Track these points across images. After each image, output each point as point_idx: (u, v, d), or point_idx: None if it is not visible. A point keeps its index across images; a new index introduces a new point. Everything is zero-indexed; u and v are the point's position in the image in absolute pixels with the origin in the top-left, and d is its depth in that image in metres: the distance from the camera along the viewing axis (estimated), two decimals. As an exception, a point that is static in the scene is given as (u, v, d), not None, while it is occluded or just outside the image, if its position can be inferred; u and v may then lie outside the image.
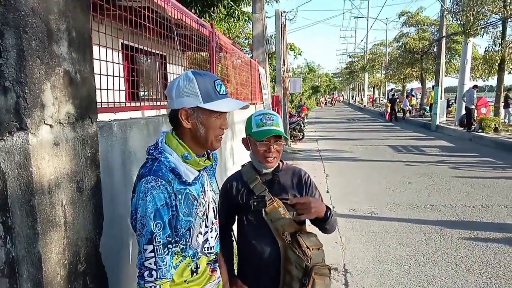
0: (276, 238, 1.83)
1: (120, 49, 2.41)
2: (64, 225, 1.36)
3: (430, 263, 4.15)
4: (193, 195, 1.41)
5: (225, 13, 12.60)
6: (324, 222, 1.83)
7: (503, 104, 15.76)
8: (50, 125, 1.28)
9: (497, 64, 15.24)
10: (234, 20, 13.98)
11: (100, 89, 1.95)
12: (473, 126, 14.67)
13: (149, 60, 3.64)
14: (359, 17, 55.95)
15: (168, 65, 3.46)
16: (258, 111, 1.92)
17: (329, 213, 1.81)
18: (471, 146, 12.80)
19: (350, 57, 60.60)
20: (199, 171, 1.45)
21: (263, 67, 9.22)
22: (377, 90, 50.36)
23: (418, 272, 3.96)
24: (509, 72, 15.74)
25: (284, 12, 14.77)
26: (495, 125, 14.22)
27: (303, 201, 1.75)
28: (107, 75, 2.05)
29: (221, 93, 1.39)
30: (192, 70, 1.44)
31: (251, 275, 1.90)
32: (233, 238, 2.03)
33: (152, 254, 1.28)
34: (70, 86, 1.37)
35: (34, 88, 1.20)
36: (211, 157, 1.54)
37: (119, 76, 2.18)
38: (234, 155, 4.47)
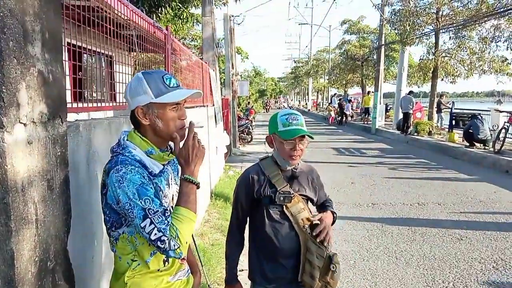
0: (297, 231, 1.95)
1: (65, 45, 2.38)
2: (35, 222, 1.37)
3: (373, 258, 4.45)
4: (159, 186, 1.48)
5: (173, 14, 12.49)
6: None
7: (436, 109, 16.97)
8: (25, 124, 1.29)
9: (430, 72, 16.39)
10: (181, 22, 13.88)
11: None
12: (409, 130, 15.67)
13: (98, 60, 3.60)
14: (304, 24, 57.50)
15: (114, 64, 3.42)
16: (283, 111, 2.01)
17: (335, 216, 2.09)
18: (407, 148, 13.68)
19: (295, 62, 62.15)
20: (163, 165, 1.53)
21: (213, 70, 9.27)
22: (321, 94, 52.01)
23: (362, 266, 4.24)
24: (442, 79, 16.96)
25: (233, 16, 14.91)
26: (429, 128, 15.30)
27: (322, 228, 1.91)
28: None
29: (171, 86, 1.47)
30: (142, 71, 1.53)
31: (270, 267, 1.99)
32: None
33: (152, 226, 1.31)
34: (44, 86, 1.39)
35: (10, 88, 1.22)
36: (175, 151, 1.62)
37: (65, 75, 2.17)
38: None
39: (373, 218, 5.85)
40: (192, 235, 2.70)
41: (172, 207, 1.55)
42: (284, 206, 1.95)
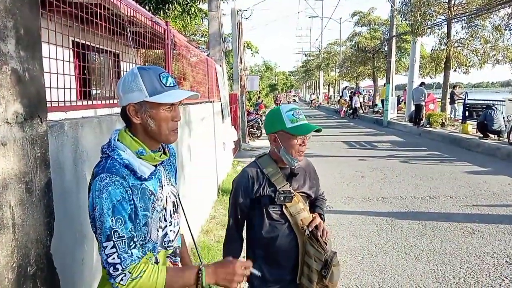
0: (295, 232, 1.88)
1: (71, 46, 2.35)
2: (12, 227, 1.32)
3: (381, 253, 4.35)
4: (149, 190, 1.41)
5: (181, 10, 12.43)
6: None
7: (449, 100, 16.65)
8: (-3, 125, 1.24)
9: (443, 63, 16.08)
10: (190, 18, 13.82)
11: (50, 88, 1.90)
12: (421, 122, 15.41)
13: (101, 58, 3.56)
14: (314, 17, 56.95)
15: (121, 63, 3.40)
16: (285, 107, 1.92)
17: (322, 218, 2.01)
18: (420, 140, 13.45)
19: (306, 55, 61.71)
20: (155, 166, 1.46)
21: (220, 65, 9.20)
22: (332, 88, 51.58)
23: (370, 262, 4.14)
24: (454, 70, 16.62)
25: (240, 10, 14.80)
26: (442, 120, 15.01)
27: (317, 222, 1.87)
28: (57, 73, 2.00)
29: (167, 85, 1.39)
30: (138, 66, 1.45)
31: (269, 269, 1.93)
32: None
33: (114, 250, 1.27)
34: (18, 85, 1.34)
35: (-21, 87, 1.16)
36: (167, 151, 1.55)
37: (69, 75, 2.13)
38: (191, 153, 4.46)
39: (383, 212, 5.74)
40: (192, 236, 2.64)
41: (165, 209, 1.49)
42: (283, 206, 1.88)
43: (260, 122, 15.83)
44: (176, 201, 1.58)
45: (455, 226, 5.09)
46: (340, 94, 30.85)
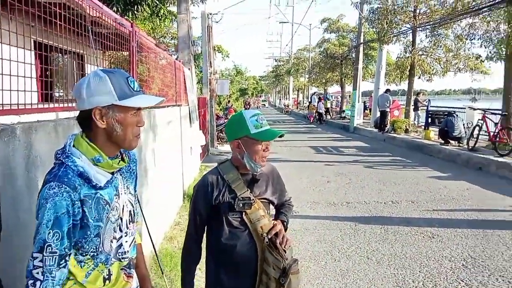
0: (255, 239, 1.86)
1: (33, 48, 2.27)
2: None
3: (344, 258, 4.42)
4: (104, 199, 1.37)
5: (150, 12, 12.26)
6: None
7: (413, 107, 17.19)
8: None
9: (407, 70, 16.60)
10: (159, 20, 13.65)
11: (2, 90, 1.82)
12: (386, 128, 15.83)
13: (65, 59, 3.46)
14: (284, 22, 57.55)
15: (86, 65, 3.31)
16: (248, 112, 1.90)
17: (285, 225, 2.03)
18: (384, 146, 13.80)
19: (276, 61, 62.23)
20: (112, 173, 1.42)
21: (189, 69, 9.12)
22: (301, 93, 52.22)
23: (333, 267, 4.20)
24: (419, 77, 17.18)
25: (210, 14, 14.74)
26: (405, 126, 15.47)
27: (277, 229, 1.87)
28: (10, 75, 1.92)
29: (135, 89, 1.37)
30: (102, 68, 1.41)
31: (228, 277, 1.90)
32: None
33: (41, 264, 1.22)
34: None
35: None
36: (126, 158, 1.51)
37: (24, 76, 2.05)
38: (156, 158, 4.39)
39: (347, 217, 5.84)
40: (153, 244, 2.58)
41: (121, 219, 1.45)
42: (243, 213, 1.87)
43: (230, 126, 15.77)
44: (133, 210, 1.54)
45: (415, 230, 5.23)
46: (309, 100, 31.26)
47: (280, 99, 72.87)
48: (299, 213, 5.97)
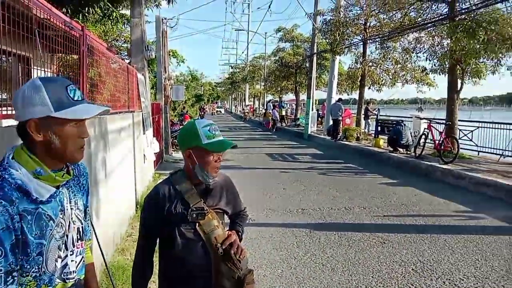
0: (209, 251, 1.80)
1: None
2: None
3: (300, 265, 4.45)
4: (48, 214, 1.26)
5: (102, 14, 11.89)
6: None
7: (363, 115, 17.81)
8: None
9: (358, 80, 17.20)
10: (111, 23, 13.27)
11: None
12: (339, 136, 16.28)
13: (9, 61, 3.24)
14: (240, 30, 57.95)
15: (32, 68, 3.12)
16: (201, 122, 1.85)
17: (240, 235, 2.01)
18: (337, 153, 14.16)
19: (232, 68, 62.41)
20: (57, 187, 1.32)
21: (142, 74, 8.90)
22: (257, 100, 52.64)
23: (289, 275, 4.21)
24: (369, 88, 17.84)
25: (165, 19, 14.53)
26: (357, 134, 15.99)
27: (232, 240, 1.82)
28: None
29: (75, 99, 1.26)
30: (40, 76, 1.31)
31: None
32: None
33: None
34: None
35: None
36: (72, 171, 1.41)
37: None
38: (107, 167, 4.21)
39: (302, 224, 5.90)
40: (103, 256, 2.45)
41: (67, 236, 1.35)
42: (197, 224, 1.82)
43: (185, 133, 15.56)
44: (82, 227, 1.45)
45: (367, 236, 5.37)
46: (265, 108, 31.57)
47: (236, 106, 73.06)
48: (255, 221, 5.96)
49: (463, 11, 10.72)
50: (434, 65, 12.44)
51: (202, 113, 45.57)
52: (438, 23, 11.75)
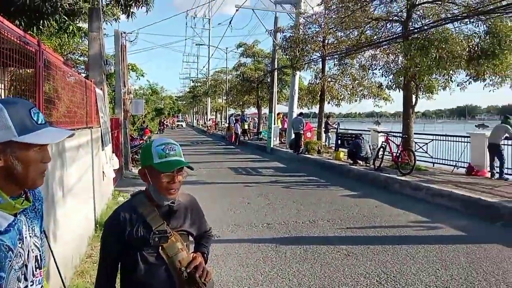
0: (173, 275, 1.73)
1: None
2: None
3: (267, 282, 4.41)
4: (6, 245, 1.17)
5: (58, 27, 11.54)
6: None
7: (324, 129, 18.19)
8: None
9: (318, 95, 17.59)
10: (67, 36, 12.90)
11: None
12: (300, 149, 16.51)
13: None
14: (201, 44, 57.99)
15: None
16: (157, 141, 1.79)
17: (205, 257, 1.96)
18: (299, 166, 14.33)
19: (193, 82, 62.12)
20: (15, 215, 1.23)
21: (101, 88, 8.66)
22: (220, 114, 52.58)
23: (257, 291, 4.16)
24: (328, 102, 18.25)
25: (125, 33, 14.31)
26: (318, 147, 16.28)
27: (197, 263, 1.77)
28: None
29: (39, 122, 1.21)
30: (1, 99, 1.23)
31: None
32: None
33: None
34: None
35: None
36: (30, 196, 1.33)
37: None
38: (65, 186, 4.03)
39: (268, 238, 5.88)
40: (62, 281, 2.32)
41: (26, 266, 1.25)
42: (160, 247, 1.75)
43: (145, 148, 15.27)
44: (40, 255, 1.36)
45: (332, 249, 5.43)
46: (228, 121, 31.56)
47: (198, 120, 72.55)
48: (221, 237, 5.88)
49: (416, 30, 11.26)
50: (390, 81, 12.95)
51: (162, 127, 44.52)
52: (393, 42, 12.28)
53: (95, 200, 6.11)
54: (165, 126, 47.65)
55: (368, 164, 12.51)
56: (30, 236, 1.31)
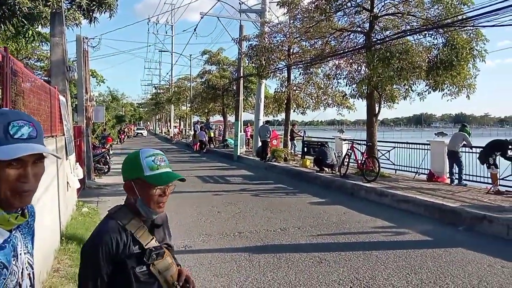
0: None
1: None
2: None
3: (243, 291, 4.38)
4: (1, 262, 1.11)
5: (15, 31, 11.07)
6: None
7: (289, 137, 18.41)
8: None
9: (284, 103, 17.81)
10: (26, 41, 12.41)
11: None
12: (267, 157, 16.60)
13: None
14: (164, 51, 57.34)
15: None
16: (145, 151, 1.71)
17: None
18: (267, 174, 14.40)
19: (155, 88, 61.17)
20: (10, 231, 1.16)
21: (64, 96, 8.36)
22: (183, 121, 52.00)
23: (233, 302, 4.13)
24: (294, 110, 18.52)
25: (87, 38, 13.91)
26: (284, 155, 16.44)
27: (190, 280, 1.75)
28: None
29: (15, 136, 1.11)
30: None
31: None
32: None
33: None
34: None
35: None
36: (26, 212, 1.25)
37: None
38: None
39: (240, 247, 5.85)
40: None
41: (20, 285, 1.18)
42: (150, 264, 1.67)
43: (108, 157, 14.87)
44: (33, 272, 1.29)
45: (305, 256, 5.47)
46: (194, 129, 31.23)
47: (161, 127, 71.38)
48: (192, 247, 5.80)
49: (379, 41, 11.67)
50: (353, 90, 13.32)
51: (123, 135, 41.65)
52: (356, 52, 12.65)
53: (60, 212, 5.86)
54: (125, 133, 44.19)
55: (334, 171, 12.75)
56: (24, 253, 1.24)
